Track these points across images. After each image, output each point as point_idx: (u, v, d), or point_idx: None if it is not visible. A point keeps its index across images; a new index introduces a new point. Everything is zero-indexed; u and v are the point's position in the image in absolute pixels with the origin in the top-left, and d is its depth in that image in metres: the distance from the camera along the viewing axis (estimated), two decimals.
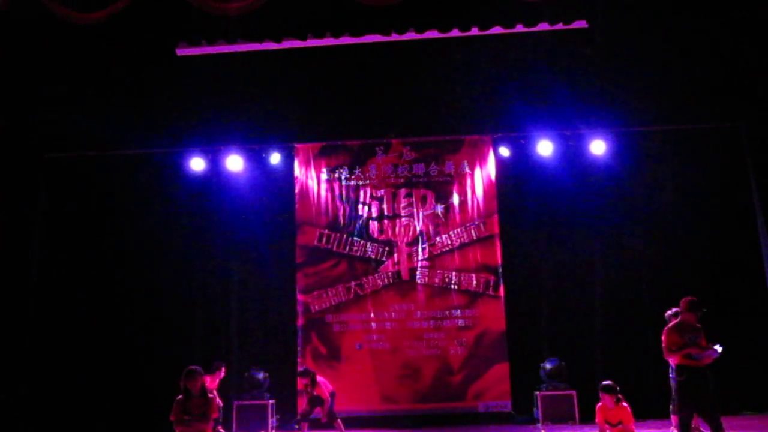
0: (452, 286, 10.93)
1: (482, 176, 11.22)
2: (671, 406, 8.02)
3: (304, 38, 8.42)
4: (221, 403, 9.68)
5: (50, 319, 10.90)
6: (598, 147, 10.92)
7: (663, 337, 6.81)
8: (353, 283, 11.04)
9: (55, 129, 10.72)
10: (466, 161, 11.30)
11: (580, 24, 9.03)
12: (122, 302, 11.03)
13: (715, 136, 10.75)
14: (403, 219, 11.19)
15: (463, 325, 10.84)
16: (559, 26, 8.75)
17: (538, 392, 10.10)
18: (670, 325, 6.96)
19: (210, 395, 6.26)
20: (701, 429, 7.54)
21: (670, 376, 8.02)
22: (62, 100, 10.17)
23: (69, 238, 11.21)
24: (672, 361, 7.02)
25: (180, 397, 6.13)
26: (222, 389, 9.92)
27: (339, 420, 9.04)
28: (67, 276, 11.10)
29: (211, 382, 9.50)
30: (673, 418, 7.95)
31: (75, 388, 10.65)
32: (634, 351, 10.40)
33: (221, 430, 8.72)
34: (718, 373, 7.18)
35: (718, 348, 6.53)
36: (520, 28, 8.59)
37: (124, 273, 11.15)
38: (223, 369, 9.69)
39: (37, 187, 11.10)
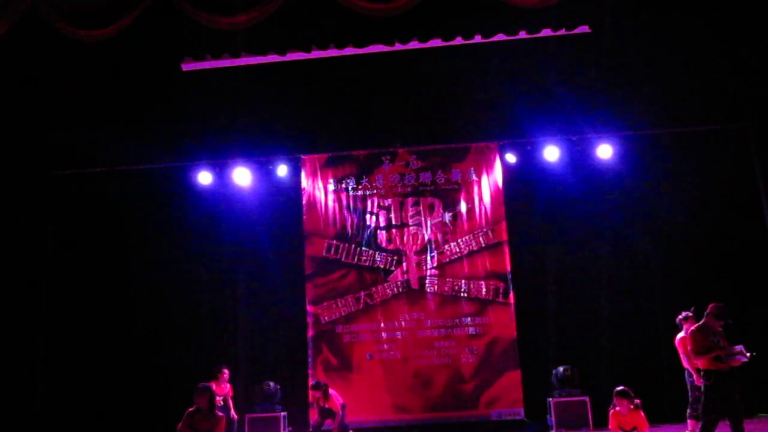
0: (462, 294, 10.90)
1: (489, 183, 11.21)
2: (689, 410, 7.94)
3: (308, 50, 8.43)
4: (236, 417, 9.66)
5: (60, 335, 10.94)
6: (604, 151, 10.89)
7: (686, 341, 6.70)
8: (363, 293, 11.03)
9: (63, 146, 10.79)
10: (472, 168, 11.29)
11: (584, 29, 9.02)
12: (131, 316, 11.07)
13: (722, 137, 10.71)
14: (411, 228, 11.18)
15: (473, 333, 10.81)
16: (563, 32, 8.75)
17: (551, 399, 10.04)
18: (692, 328, 6.84)
19: (219, 414, 6.33)
20: None
21: (688, 380, 7.95)
22: (69, 117, 10.22)
23: (78, 254, 11.26)
24: (699, 365, 6.87)
25: (191, 409, 6.22)
26: (234, 402, 9.93)
27: (351, 431, 9.03)
28: (76, 292, 11.15)
29: (218, 387, 9.46)
30: (690, 423, 7.87)
31: (83, 401, 10.72)
32: (646, 355, 10.37)
33: None
34: None
35: (746, 352, 6.48)
36: (523, 35, 8.58)
37: (133, 287, 11.19)
38: (224, 370, 9.64)
39: (46, 203, 11.17)
